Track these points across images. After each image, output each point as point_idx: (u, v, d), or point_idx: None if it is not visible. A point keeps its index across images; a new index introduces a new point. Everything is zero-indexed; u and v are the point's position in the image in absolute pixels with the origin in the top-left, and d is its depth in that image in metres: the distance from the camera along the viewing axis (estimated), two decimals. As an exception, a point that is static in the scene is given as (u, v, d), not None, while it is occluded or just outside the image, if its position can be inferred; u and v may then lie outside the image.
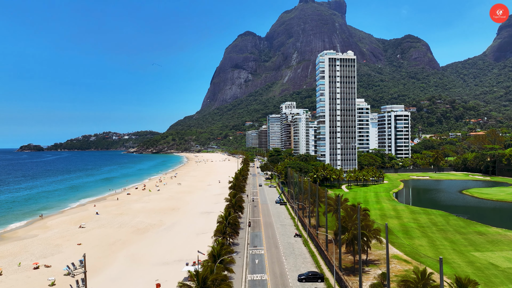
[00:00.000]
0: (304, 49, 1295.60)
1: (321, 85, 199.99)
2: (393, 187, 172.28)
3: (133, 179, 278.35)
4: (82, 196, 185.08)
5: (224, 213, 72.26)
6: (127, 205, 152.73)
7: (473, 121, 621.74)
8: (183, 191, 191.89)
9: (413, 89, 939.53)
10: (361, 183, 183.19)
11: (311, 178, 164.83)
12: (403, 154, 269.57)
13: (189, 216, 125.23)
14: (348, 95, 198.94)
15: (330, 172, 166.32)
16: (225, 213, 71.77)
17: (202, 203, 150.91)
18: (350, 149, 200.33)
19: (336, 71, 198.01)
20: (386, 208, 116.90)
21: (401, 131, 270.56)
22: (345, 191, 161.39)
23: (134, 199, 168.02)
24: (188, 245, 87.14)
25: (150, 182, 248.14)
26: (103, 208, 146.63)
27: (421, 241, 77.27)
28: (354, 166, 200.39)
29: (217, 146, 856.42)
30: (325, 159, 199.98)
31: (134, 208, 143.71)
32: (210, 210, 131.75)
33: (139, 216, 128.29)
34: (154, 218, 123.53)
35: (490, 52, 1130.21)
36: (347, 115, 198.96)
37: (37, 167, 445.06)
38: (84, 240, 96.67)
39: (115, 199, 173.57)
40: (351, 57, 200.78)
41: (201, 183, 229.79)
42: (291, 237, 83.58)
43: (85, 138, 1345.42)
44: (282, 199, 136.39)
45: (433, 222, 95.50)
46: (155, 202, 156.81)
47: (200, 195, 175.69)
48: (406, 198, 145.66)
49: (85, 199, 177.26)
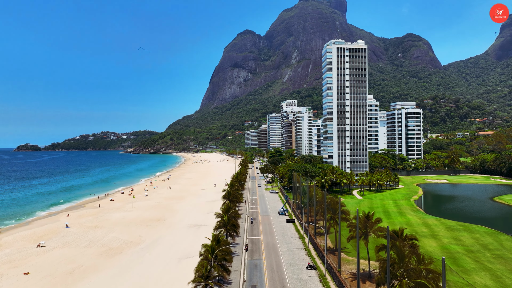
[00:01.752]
0: (304, 47, 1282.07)
1: (328, 78, 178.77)
2: (411, 193, 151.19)
3: (123, 182, 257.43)
4: (58, 203, 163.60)
5: (211, 243, 51.02)
6: (106, 214, 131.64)
7: (478, 121, 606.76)
8: (173, 197, 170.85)
9: (415, 88, 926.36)
10: (374, 188, 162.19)
11: (318, 182, 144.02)
12: (414, 155, 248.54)
13: (175, 231, 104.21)
14: (358, 89, 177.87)
15: (340, 176, 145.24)
16: (211, 243, 50.50)
17: (192, 213, 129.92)
18: (361, 149, 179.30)
19: (345, 62, 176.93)
20: (414, 223, 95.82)
21: (413, 129, 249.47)
22: (358, 198, 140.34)
23: (116, 207, 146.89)
24: (165, 276, 66.25)
25: (139, 186, 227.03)
26: (77, 218, 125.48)
27: (481, 277, 56.30)
28: (365, 169, 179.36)
29: (215, 146, 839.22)
30: (332, 161, 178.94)
31: (113, 219, 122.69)
32: (201, 223, 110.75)
33: (116, 229, 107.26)
34: (132, 233, 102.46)
35: (492, 51, 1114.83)
36: (358, 111, 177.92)
37: (25, 168, 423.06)
38: (36, 266, 75.57)
39: (95, 206, 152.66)
40: (361, 46, 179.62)
41: (195, 187, 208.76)
42: (302, 269, 62.35)
43: (83, 138, 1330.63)
44: (287, 210, 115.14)
45: (482, 244, 74.53)
46: (139, 211, 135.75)
47: (191, 202, 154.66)
48: (431, 207, 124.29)
49: (59, 206, 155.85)
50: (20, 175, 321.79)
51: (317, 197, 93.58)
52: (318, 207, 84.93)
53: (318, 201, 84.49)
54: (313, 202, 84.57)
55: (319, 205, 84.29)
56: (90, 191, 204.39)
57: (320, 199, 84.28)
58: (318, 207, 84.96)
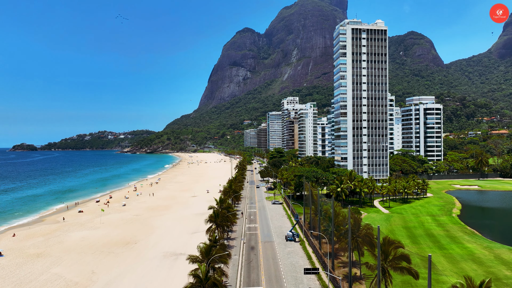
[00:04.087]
0: (305, 45, 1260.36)
1: (341, 65, 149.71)
2: (446, 204, 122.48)
3: (107, 186, 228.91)
4: (11, 217, 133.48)
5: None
6: (63, 233, 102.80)
7: (486, 119, 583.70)
8: (156, 207, 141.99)
9: (417, 86, 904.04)
10: (399, 197, 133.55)
11: (333, 191, 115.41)
12: (434, 156, 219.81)
13: (144, 262, 75.40)
14: (377, 78, 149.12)
15: (360, 184, 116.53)
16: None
17: (174, 232, 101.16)
18: (380, 150, 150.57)
19: (362, 46, 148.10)
20: (482, 257, 66.93)
21: (432, 127, 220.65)
22: (384, 212, 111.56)
23: (81, 222, 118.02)
24: None
25: (121, 191, 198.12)
26: (22, 240, 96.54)
27: None
28: (386, 173, 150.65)
29: (213, 146, 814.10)
30: (346, 164, 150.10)
31: (69, 242, 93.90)
32: (180, 250, 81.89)
33: (64, 260, 78.53)
34: (83, 268, 73.64)
35: (495, 49, 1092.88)
36: (377, 104, 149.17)
37: (6, 170, 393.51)
38: None
39: (57, 220, 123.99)
40: (381, 27, 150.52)
41: (185, 194, 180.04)
42: None
43: (80, 137, 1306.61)
44: (297, 235, 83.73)
45: None
46: (107, 229, 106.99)
47: (176, 215, 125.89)
48: (485, 227, 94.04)
49: (10, 222, 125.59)
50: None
51: (340, 217, 65.28)
52: (355, 245, 56.11)
53: (364, 236, 55.37)
54: (342, 233, 55.87)
55: (358, 242, 55.39)
56: (62, 199, 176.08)
57: (353, 226, 55.53)
58: (355, 244, 56.14)
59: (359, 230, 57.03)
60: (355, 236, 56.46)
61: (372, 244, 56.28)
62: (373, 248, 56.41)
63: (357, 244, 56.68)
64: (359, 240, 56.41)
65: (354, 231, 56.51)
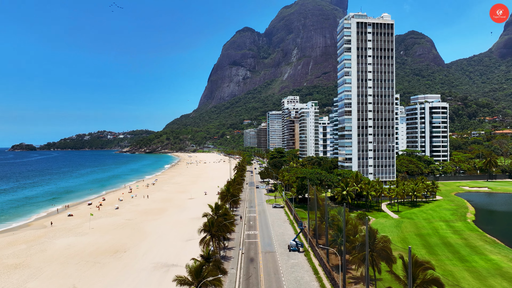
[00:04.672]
0: (305, 45, 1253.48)
1: (345, 60, 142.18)
2: (459, 208, 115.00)
3: (103, 187, 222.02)
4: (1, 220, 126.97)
5: None
6: (48, 240, 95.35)
7: (488, 119, 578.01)
8: (151, 211, 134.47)
9: (418, 86, 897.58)
10: (408, 201, 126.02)
11: (338, 195, 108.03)
12: (440, 156, 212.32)
13: (130, 276, 67.84)
14: (384, 74, 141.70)
15: (367, 187, 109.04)
16: None
17: (167, 238, 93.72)
18: (386, 150, 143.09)
19: (367, 41, 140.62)
20: (511, 271, 59.59)
21: (438, 127, 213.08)
22: (394, 217, 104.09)
23: (69, 227, 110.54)
24: None
25: (115, 193, 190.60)
26: (2, 248, 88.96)
27: None
28: (393, 175, 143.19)
29: (213, 146, 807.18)
30: (351, 165, 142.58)
31: (52, 250, 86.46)
32: (172, 261, 74.42)
33: (44, 272, 71.04)
34: (64, 283, 65.92)
35: (496, 49, 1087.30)
36: (383, 102, 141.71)
37: (3, 170, 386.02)
38: None
39: (44, 224, 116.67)
40: (388, 21, 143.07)
41: (182, 196, 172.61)
42: None
43: (79, 137, 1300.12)
44: (301, 244, 75.51)
45: None
46: (96, 235, 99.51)
47: (171, 219, 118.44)
48: (505, 234, 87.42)
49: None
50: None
51: (351, 227, 57.87)
52: (358, 253, 48.77)
53: (359, 242, 48.18)
54: (360, 244, 48.49)
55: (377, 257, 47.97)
56: (54, 201, 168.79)
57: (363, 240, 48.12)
58: (357, 253, 48.78)
59: (374, 242, 49.60)
60: (369, 250, 49.03)
61: (389, 259, 48.98)
62: (390, 263, 49.16)
63: (372, 259, 49.22)
64: (374, 255, 48.99)
65: (369, 244, 49.09)
